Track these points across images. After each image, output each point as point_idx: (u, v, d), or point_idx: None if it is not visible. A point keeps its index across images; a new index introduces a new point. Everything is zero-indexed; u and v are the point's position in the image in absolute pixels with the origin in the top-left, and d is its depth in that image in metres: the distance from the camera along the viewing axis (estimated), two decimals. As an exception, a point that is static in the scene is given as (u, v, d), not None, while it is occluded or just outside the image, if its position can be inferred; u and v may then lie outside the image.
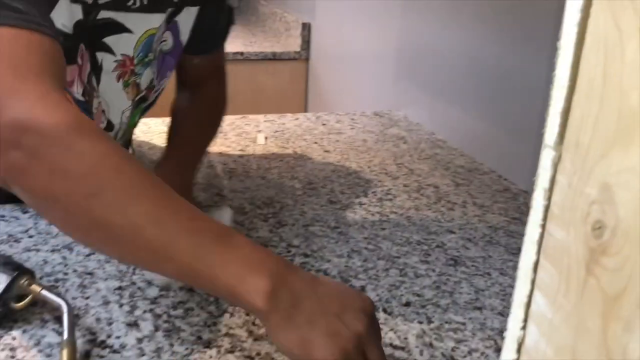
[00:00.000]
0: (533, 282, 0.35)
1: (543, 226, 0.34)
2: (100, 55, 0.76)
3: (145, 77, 0.85)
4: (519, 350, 0.37)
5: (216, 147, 1.19)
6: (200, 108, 0.96)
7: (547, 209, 0.33)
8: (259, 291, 0.47)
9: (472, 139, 1.22)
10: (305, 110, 2.26)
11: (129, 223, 0.48)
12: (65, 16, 0.67)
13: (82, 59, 0.73)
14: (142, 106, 0.90)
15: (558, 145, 0.32)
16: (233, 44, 2.24)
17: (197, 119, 0.95)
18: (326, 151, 1.20)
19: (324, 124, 1.37)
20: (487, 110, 1.17)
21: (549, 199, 0.33)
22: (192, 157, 0.91)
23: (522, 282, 0.36)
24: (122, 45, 0.77)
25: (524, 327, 0.36)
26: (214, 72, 0.99)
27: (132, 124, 0.91)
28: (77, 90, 0.74)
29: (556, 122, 0.32)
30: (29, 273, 0.62)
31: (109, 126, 0.84)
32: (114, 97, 0.82)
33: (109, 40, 0.76)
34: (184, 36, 0.88)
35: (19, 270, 0.61)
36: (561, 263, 0.32)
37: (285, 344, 0.49)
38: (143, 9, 0.76)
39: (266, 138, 1.25)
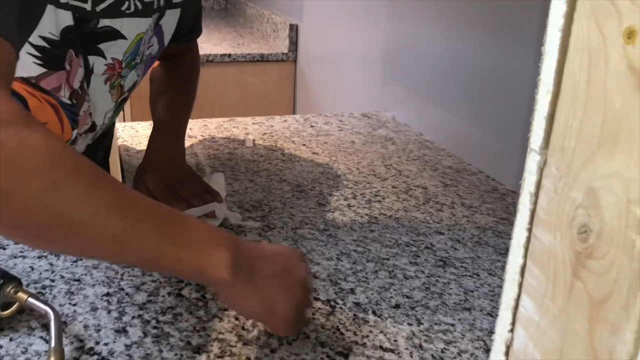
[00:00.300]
0: (520, 285, 0.35)
1: (529, 230, 0.34)
2: (92, 59, 0.76)
3: (129, 80, 0.86)
4: (507, 353, 0.37)
5: (204, 149, 1.18)
6: (178, 79, 1.04)
7: (533, 212, 0.34)
8: (223, 264, 0.51)
9: (460, 139, 1.22)
10: (294, 112, 2.26)
11: (91, 215, 0.48)
12: (51, 23, 0.67)
13: (70, 64, 0.73)
14: (122, 106, 0.91)
15: (543, 150, 0.32)
16: (220, 46, 2.23)
17: (177, 89, 1.02)
18: (314, 153, 1.20)
19: (312, 126, 1.37)
20: (475, 111, 1.18)
21: (535, 203, 0.33)
22: (181, 127, 0.99)
23: (510, 286, 0.36)
24: (114, 50, 0.78)
25: (511, 330, 0.36)
26: (188, 46, 1.06)
27: (111, 124, 0.92)
28: (64, 95, 0.73)
29: (541, 127, 0.32)
30: (16, 280, 0.61)
31: (93, 127, 0.84)
32: (101, 99, 0.82)
33: (103, 45, 0.76)
34: (167, 39, 0.89)
35: (5, 277, 0.60)
36: (548, 267, 0.33)
37: (248, 309, 0.55)
38: (136, 14, 0.77)
39: (254, 140, 1.25)
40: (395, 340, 0.64)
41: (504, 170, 1.09)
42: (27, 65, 0.68)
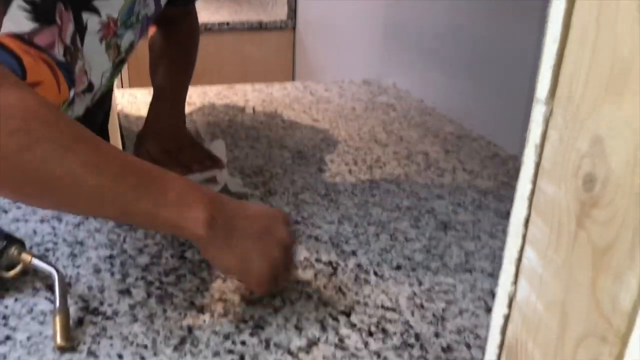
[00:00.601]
0: (524, 237, 0.35)
1: (534, 182, 0.34)
2: (85, 16, 0.75)
3: (126, 40, 0.85)
4: (510, 305, 0.37)
5: (204, 116, 1.18)
6: (177, 45, 1.02)
7: (538, 165, 0.34)
8: (199, 221, 0.53)
9: (461, 105, 1.22)
10: (293, 80, 2.24)
11: (67, 173, 0.49)
12: None
13: (61, 19, 0.72)
14: (121, 67, 0.89)
15: (549, 100, 0.32)
16: (219, 14, 2.21)
17: (176, 56, 1.00)
18: (315, 120, 1.19)
19: (312, 93, 1.36)
20: (476, 76, 1.17)
21: (540, 154, 0.33)
22: (181, 94, 0.98)
23: (513, 239, 0.36)
24: (109, 6, 0.76)
25: (515, 283, 0.37)
26: (186, 10, 1.05)
27: (110, 85, 0.91)
28: (58, 51, 0.73)
29: (547, 77, 0.32)
30: (19, 242, 0.61)
31: (90, 87, 0.83)
32: (96, 58, 0.81)
33: (98, 2, 0.75)
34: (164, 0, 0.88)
35: (8, 239, 0.61)
36: (552, 218, 0.33)
37: (225, 265, 0.56)
38: None
39: (254, 108, 1.24)
40: (396, 300, 0.64)
41: (505, 135, 1.09)
42: (19, 19, 0.67)
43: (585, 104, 0.30)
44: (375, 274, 0.69)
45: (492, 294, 0.66)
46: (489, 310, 0.63)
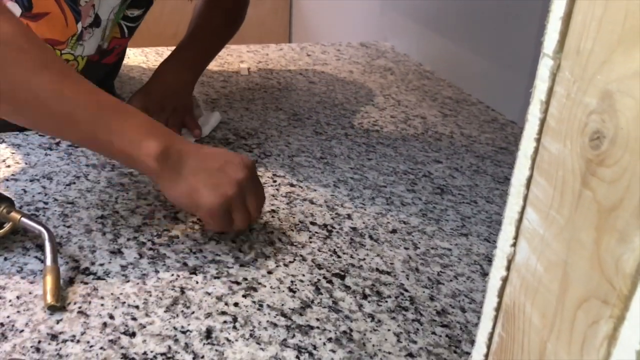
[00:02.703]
0: (525, 198, 0.34)
1: (538, 140, 0.33)
2: None
3: None
4: (508, 268, 0.37)
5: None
6: (214, 12, 0.97)
7: (543, 122, 0.32)
8: (151, 153, 0.56)
9: (460, 70, 1.19)
10: (289, 42, 2.21)
11: (32, 97, 0.54)
12: None
13: None
14: (126, 5, 0.86)
15: (557, 54, 0.31)
16: (214, -27, 2.15)
17: (208, 21, 0.96)
18: (311, 82, 1.17)
19: (308, 55, 1.33)
20: (476, 41, 1.14)
21: (545, 111, 0.32)
22: (199, 58, 0.94)
23: (514, 199, 0.35)
24: None
25: (514, 245, 0.36)
26: None
27: (117, 21, 0.87)
28: None
29: (556, 29, 0.31)
30: (8, 201, 0.60)
31: (97, 21, 0.81)
32: None
33: None
34: None
35: (-4, 197, 0.59)
36: (556, 177, 0.32)
37: (175, 196, 0.58)
38: None
39: (249, 69, 1.22)
40: (391, 263, 0.64)
41: (504, 100, 1.07)
42: None
43: (596, 58, 0.28)
44: (371, 237, 0.68)
45: (488, 259, 0.66)
46: (484, 274, 0.62)
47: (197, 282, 0.58)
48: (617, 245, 0.28)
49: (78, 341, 0.50)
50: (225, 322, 0.54)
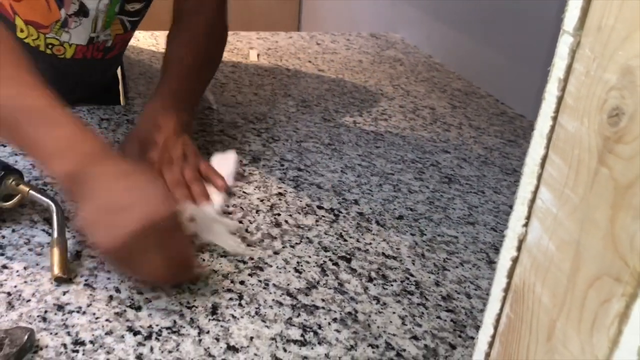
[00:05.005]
0: (539, 177, 0.34)
1: (555, 118, 0.33)
2: None
3: None
4: (519, 248, 0.36)
5: (207, 62, 1.15)
6: (192, 37, 0.84)
7: (560, 99, 0.32)
8: (62, 172, 0.53)
9: (470, 63, 1.19)
10: (299, 31, 2.20)
11: None
12: None
13: None
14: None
15: (577, 31, 0.31)
16: (225, -39, 2.15)
17: (188, 49, 0.82)
18: (320, 70, 1.17)
19: (318, 43, 1.33)
20: (487, 34, 1.14)
21: (563, 89, 0.32)
22: (174, 95, 0.76)
23: (528, 179, 0.35)
24: None
25: (526, 225, 0.36)
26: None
27: (112, 14, 0.82)
28: None
29: (577, 6, 0.30)
30: (17, 173, 0.60)
31: (83, 10, 0.78)
32: None
33: None
34: None
35: (6, 169, 0.59)
36: (572, 155, 0.31)
37: (77, 221, 0.53)
38: None
39: (259, 55, 1.22)
40: (397, 249, 0.64)
41: (513, 94, 1.07)
42: None
43: (617, 34, 0.28)
44: (377, 222, 0.68)
45: (495, 247, 0.66)
46: (490, 262, 0.62)
47: (203, 260, 0.58)
48: (632, 222, 0.27)
49: (84, 312, 0.50)
50: (231, 299, 0.54)
